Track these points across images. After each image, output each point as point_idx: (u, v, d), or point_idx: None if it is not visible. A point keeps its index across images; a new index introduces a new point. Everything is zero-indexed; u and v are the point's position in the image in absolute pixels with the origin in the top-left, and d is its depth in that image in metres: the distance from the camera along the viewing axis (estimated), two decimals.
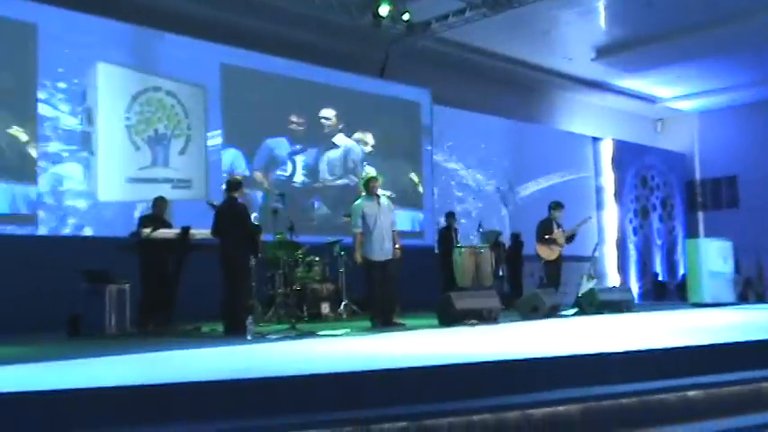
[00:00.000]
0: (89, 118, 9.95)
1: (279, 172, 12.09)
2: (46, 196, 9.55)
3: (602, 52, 15.21)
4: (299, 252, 10.12)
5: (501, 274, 12.09)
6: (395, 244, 8.39)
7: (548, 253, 10.84)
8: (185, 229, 8.01)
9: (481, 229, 12.10)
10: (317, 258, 10.42)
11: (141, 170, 10.43)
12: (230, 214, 7.78)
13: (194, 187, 10.92)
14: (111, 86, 10.21)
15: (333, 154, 12.84)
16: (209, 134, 11.20)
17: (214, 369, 4.54)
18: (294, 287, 9.83)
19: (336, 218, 12.25)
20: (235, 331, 7.33)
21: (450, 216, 12.34)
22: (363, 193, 8.55)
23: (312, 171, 12.56)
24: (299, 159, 12.39)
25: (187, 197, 10.72)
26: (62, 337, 7.62)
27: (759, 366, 4.76)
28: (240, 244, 7.68)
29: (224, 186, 8.13)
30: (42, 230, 9.43)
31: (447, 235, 12.03)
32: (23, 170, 9.39)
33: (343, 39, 13.00)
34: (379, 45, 13.41)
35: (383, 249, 8.27)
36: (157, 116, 10.66)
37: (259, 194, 11.63)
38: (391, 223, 8.39)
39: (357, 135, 13.13)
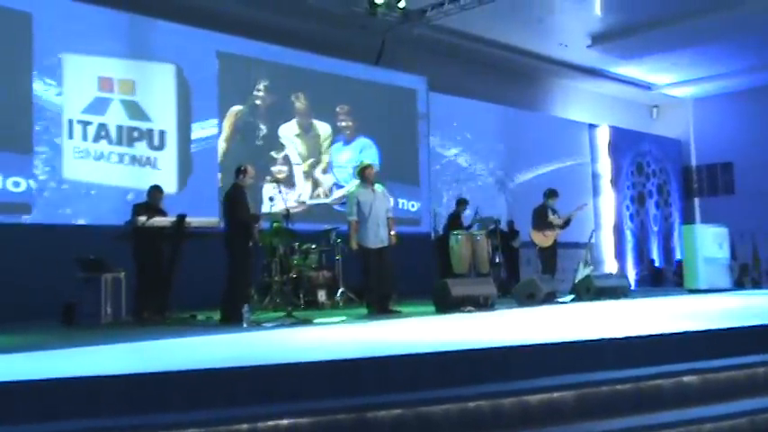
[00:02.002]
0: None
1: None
2: (41, 184, 9.51)
3: (598, 39, 15.18)
4: (297, 241, 10.13)
5: (497, 260, 12.10)
6: (390, 231, 8.43)
7: (542, 239, 10.86)
8: (181, 218, 7.98)
9: (478, 216, 12.10)
10: (313, 246, 10.40)
11: (133, 160, 10.37)
12: (229, 200, 7.83)
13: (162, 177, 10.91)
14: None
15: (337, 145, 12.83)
16: (203, 123, 11.15)
17: (209, 357, 4.53)
18: (290, 275, 9.82)
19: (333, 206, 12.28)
20: (230, 319, 7.32)
21: (462, 203, 12.35)
22: (358, 181, 8.58)
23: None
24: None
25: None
26: (57, 326, 7.60)
27: (754, 351, 4.77)
28: (236, 231, 7.65)
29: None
30: (37, 218, 9.39)
31: (454, 222, 12.06)
32: (18, 153, 9.31)
33: (339, 26, 12.95)
34: (374, 33, 13.35)
35: (378, 236, 8.31)
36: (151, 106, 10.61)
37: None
38: (386, 210, 8.45)
39: (352, 121, 13.09)
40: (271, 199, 8.40)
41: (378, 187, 8.49)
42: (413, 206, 13.72)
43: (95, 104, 10.06)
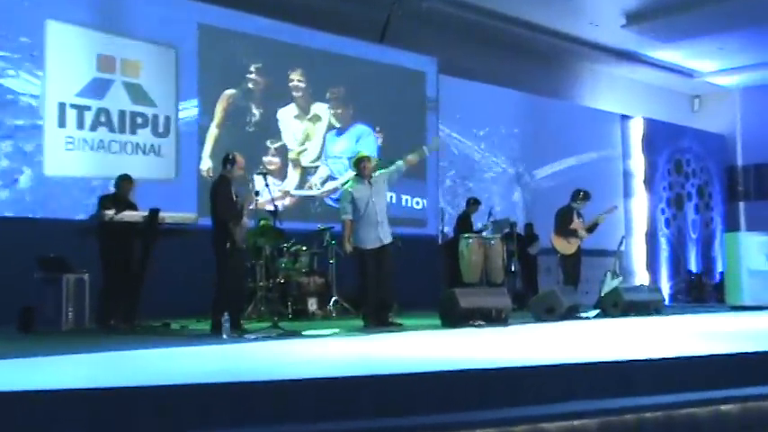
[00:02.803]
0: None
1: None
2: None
3: (634, 18, 15.14)
4: (286, 241, 10.15)
5: (513, 269, 12.14)
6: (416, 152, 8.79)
7: (565, 246, 10.87)
8: (154, 212, 7.99)
9: (491, 218, 12.13)
10: (303, 248, 10.43)
11: (100, 145, 10.37)
12: (212, 194, 7.89)
13: (163, 165, 10.91)
14: (65, 48, 10.11)
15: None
16: (181, 104, 11.15)
17: (183, 371, 4.56)
18: (277, 280, 9.86)
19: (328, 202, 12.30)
20: (213, 330, 7.37)
21: (474, 203, 12.36)
22: (353, 175, 8.59)
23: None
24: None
25: (156, 176, 10.69)
26: (12, 333, 7.62)
27: None
28: (220, 230, 7.72)
29: None
30: None
31: (464, 224, 12.05)
32: None
33: None
34: (379, 6, 13.33)
35: (378, 235, 8.32)
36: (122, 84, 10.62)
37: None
38: (398, 173, 8.58)
39: (348, 107, 13.10)
40: (257, 193, 8.42)
41: (376, 177, 8.46)
42: (417, 204, 13.72)
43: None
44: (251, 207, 8.23)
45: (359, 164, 8.49)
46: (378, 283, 8.32)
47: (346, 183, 8.65)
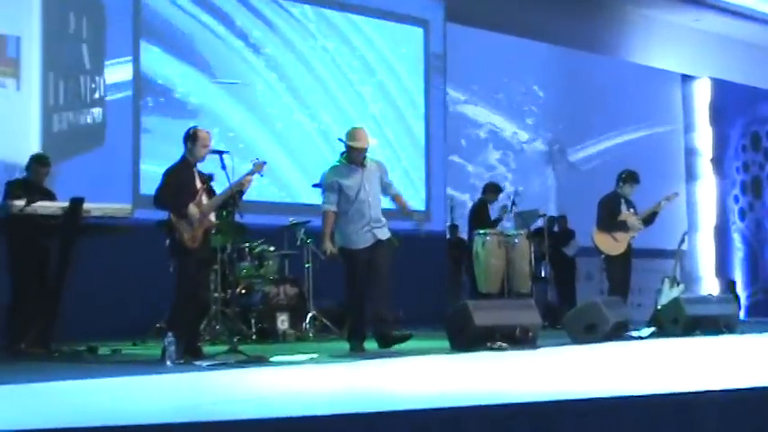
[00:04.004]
0: None
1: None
2: None
3: None
4: (248, 240, 10.18)
5: (543, 274, 12.16)
6: (405, 206, 8.76)
7: (611, 245, 10.87)
8: (76, 203, 7.96)
9: (515, 208, 12.13)
10: (271, 248, 10.43)
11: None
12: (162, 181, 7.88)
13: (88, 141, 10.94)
14: None
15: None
16: (108, 62, 11.18)
17: (112, 410, 4.54)
18: (237, 290, 9.84)
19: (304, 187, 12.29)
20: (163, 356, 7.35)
21: (492, 190, 12.35)
22: (341, 155, 8.51)
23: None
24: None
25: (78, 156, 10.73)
26: None
27: None
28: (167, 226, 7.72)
29: None
30: None
31: (479, 216, 12.04)
32: None
33: None
34: None
35: (369, 231, 8.28)
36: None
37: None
38: (382, 189, 8.52)
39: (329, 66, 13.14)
40: (211, 178, 8.39)
41: (368, 163, 8.44)
42: (417, 190, 13.76)
43: None
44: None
45: (350, 143, 8.41)
46: (371, 292, 8.29)
47: (331, 165, 8.55)
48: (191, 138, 7.84)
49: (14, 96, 10.48)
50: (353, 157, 8.37)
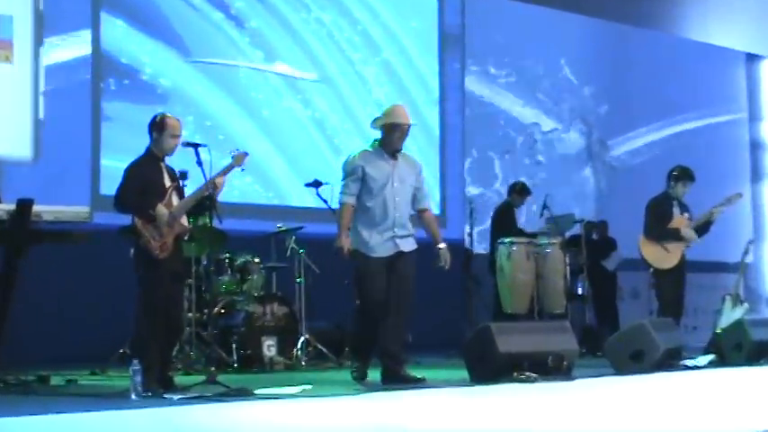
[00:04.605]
0: None
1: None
2: None
3: None
4: (229, 250, 10.18)
5: (580, 291, 12.11)
6: (436, 238, 8.34)
7: (661, 256, 10.85)
8: (24, 206, 7.93)
9: (547, 213, 12.10)
10: (256, 260, 10.43)
11: None
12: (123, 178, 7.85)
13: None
14: None
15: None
16: (60, 37, 11.20)
17: None
18: (215, 310, 9.82)
19: (295, 187, 12.30)
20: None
21: (519, 190, 12.35)
22: (373, 142, 8.35)
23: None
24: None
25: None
26: None
27: None
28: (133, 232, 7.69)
29: None
30: None
31: (504, 222, 12.08)
32: None
33: None
34: None
35: (391, 238, 8.17)
36: None
37: None
38: (413, 194, 8.28)
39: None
40: (183, 176, 8.36)
41: (405, 156, 8.30)
42: (431, 192, 13.63)
43: None
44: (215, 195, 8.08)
45: (392, 117, 8.31)
46: (386, 319, 8.15)
47: (356, 151, 8.38)
48: (157, 126, 7.73)
49: None
50: (392, 140, 8.16)
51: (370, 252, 8.18)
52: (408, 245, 8.24)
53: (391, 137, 8.18)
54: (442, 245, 8.36)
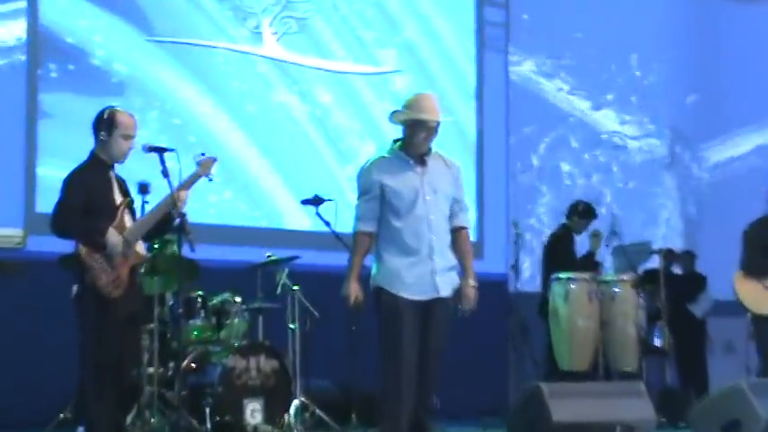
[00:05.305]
0: None
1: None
2: None
3: None
4: (201, 287, 10.19)
5: (658, 343, 12.07)
6: (468, 274, 7.96)
7: (763, 297, 10.82)
8: None
9: (615, 241, 12.09)
10: (237, 299, 10.42)
11: None
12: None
13: None
14: None
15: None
16: None
17: None
18: (184, 363, 9.80)
19: (289, 205, 12.31)
20: None
21: (581, 212, 12.35)
22: (392, 144, 8.22)
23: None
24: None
25: None
26: None
27: None
28: (73, 262, 7.70)
29: None
30: None
31: (561, 253, 12.11)
32: None
33: None
34: None
35: (431, 276, 8.05)
36: None
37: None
38: (451, 206, 8.09)
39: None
40: (143, 190, 8.41)
41: (436, 157, 8.09)
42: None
43: None
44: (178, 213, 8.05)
45: (416, 111, 7.85)
46: (418, 373, 8.07)
47: (371, 158, 8.12)
48: (105, 124, 7.72)
49: None
50: (416, 141, 7.78)
51: (402, 291, 7.90)
52: (448, 286, 7.87)
53: (415, 137, 7.79)
54: (471, 282, 7.92)
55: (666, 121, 15.74)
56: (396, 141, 7.93)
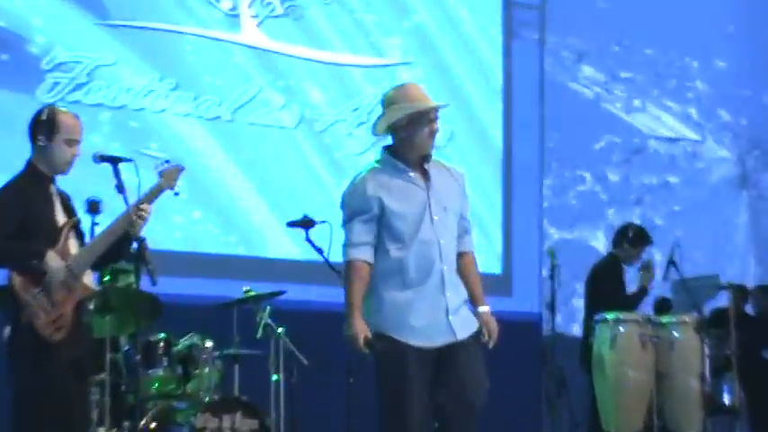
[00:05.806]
0: None
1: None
2: None
3: None
4: (164, 330, 10.09)
5: (728, 398, 11.99)
6: (480, 302, 7.85)
7: None
8: None
9: (675, 273, 12.01)
10: (207, 343, 10.37)
11: None
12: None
13: None
14: None
15: None
16: None
17: None
18: (142, 423, 9.75)
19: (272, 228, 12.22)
20: None
21: (633, 238, 12.23)
22: (383, 152, 8.12)
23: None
24: None
25: None
26: None
27: None
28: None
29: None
30: None
31: (607, 288, 12.01)
32: None
33: None
34: None
35: (444, 315, 7.93)
36: None
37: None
38: (459, 224, 7.98)
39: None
40: (93, 208, 8.30)
41: (438, 165, 7.98)
42: (488, 238, 13.81)
43: None
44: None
45: (409, 100, 7.73)
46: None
47: (362, 171, 8.00)
48: (43, 126, 7.72)
49: None
50: (418, 141, 7.68)
51: (408, 337, 7.73)
52: (465, 327, 7.68)
53: (416, 136, 7.63)
54: (484, 308, 7.71)
55: (738, 135, 15.72)
56: (385, 149, 7.80)
